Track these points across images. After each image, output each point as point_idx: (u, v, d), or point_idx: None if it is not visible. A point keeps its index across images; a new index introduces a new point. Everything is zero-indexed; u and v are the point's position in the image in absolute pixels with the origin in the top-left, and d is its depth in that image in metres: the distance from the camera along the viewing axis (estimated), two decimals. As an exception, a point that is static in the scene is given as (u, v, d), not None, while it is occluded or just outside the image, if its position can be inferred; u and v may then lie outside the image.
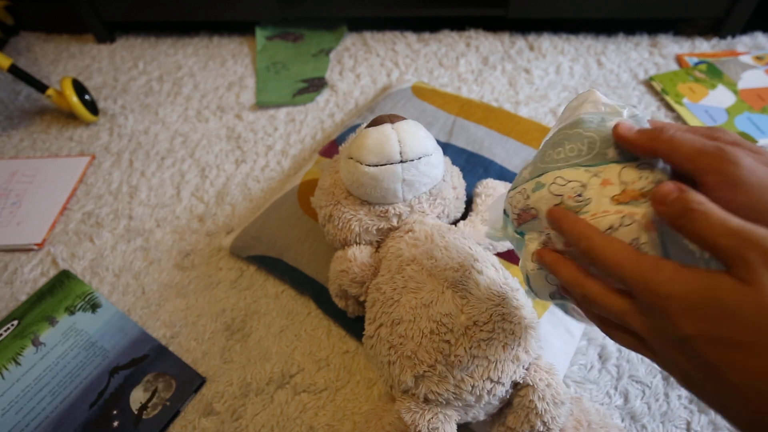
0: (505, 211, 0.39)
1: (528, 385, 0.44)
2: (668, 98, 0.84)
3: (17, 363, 0.60)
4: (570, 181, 0.33)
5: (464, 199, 0.58)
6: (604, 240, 0.29)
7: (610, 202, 0.31)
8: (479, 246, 0.50)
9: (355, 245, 0.52)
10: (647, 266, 0.27)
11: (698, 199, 0.26)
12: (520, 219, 0.36)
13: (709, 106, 0.82)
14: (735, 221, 0.25)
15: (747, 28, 0.95)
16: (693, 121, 0.80)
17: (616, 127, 0.32)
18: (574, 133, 0.34)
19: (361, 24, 1.07)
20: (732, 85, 0.84)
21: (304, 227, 0.64)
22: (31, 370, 0.59)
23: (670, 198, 0.27)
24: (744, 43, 0.94)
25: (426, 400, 0.44)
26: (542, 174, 0.34)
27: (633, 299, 0.29)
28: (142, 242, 0.73)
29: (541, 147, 0.37)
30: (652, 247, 0.30)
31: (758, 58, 0.89)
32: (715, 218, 0.25)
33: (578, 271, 0.32)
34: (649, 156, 0.31)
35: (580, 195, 0.32)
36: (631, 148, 0.32)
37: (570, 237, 0.31)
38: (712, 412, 0.52)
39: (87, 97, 0.92)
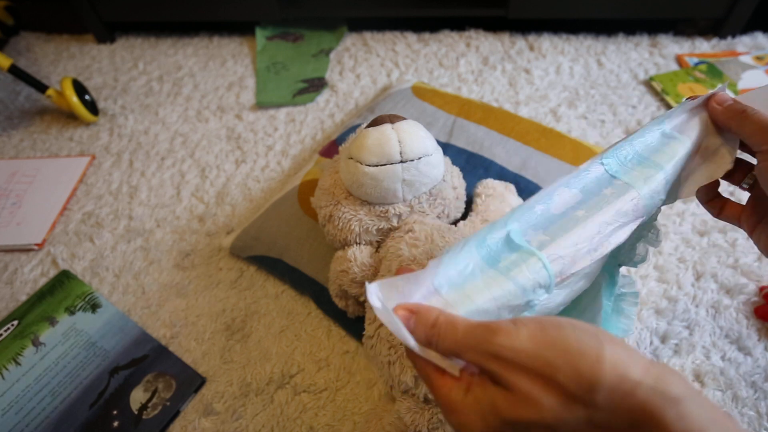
0: None
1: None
2: (668, 98, 0.84)
3: (17, 363, 0.60)
4: None
5: (464, 199, 0.58)
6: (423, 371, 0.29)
7: None
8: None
9: (355, 245, 0.52)
10: (443, 399, 0.27)
11: (432, 317, 0.27)
12: None
13: (709, 106, 0.82)
14: (460, 332, 0.26)
15: (747, 28, 0.95)
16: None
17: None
18: None
19: (361, 24, 1.07)
20: (732, 86, 0.84)
21: (304, 227, 0.64)
22: (31, 371, 0.59)
23: (411, 323, 0.28)
24: (744, 43, 0.94)
25: (426, 400, 0.44)
26: None
27: None
28: (142, 242, 0.73)
29: None
30: None
31: (758, 59, 0.89)
32: (448, 335, 0.27)
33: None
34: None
35: None
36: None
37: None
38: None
39: (87, 97, 0.92)
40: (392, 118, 0.49)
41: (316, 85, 0.95)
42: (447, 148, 0.70)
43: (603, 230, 0.34)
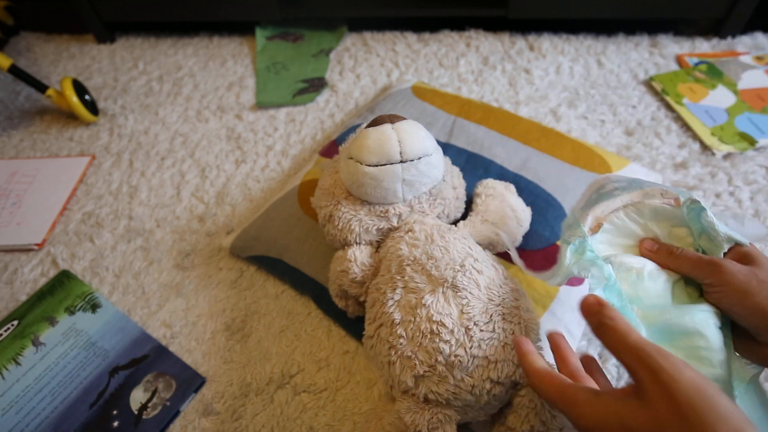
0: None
1: (528, 385, 0.44)
2: (668, 98, 0.84)
3: (17, 363, 0.60)
4: None
5: (464, 199, 0.58)
6: (537, 377, 0.35)
7: None
8: (479, 246, 0.50)
9: (355, 245, 0.52)
10: (568, 398, 0.32)
11: (610, 314, 0.32)
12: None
13: (709, 107, 0.82)
14: (632, 338, 0.30)
15: (747, 28, 0.95)
16: (693, 121, 0.80)
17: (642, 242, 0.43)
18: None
19: (361, 24, 1.07)
20: (732, 86, 0.84)
21: (304, 227, 0.64)
22: (31, 371, 0.59)
23: (592, 311, 0.33)
24: (744, 43, 0.94)
25: (426, 400, 0.44)
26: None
27: None
28: (142, 242, 0.73)
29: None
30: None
31: (758, 58, 0.89)
32: (619, 334, 0.31)
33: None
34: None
35: None
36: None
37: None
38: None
39: (87, 97, 0.92)
40: (392, 118, 0.49)
41: (316, 85, 0.95)
42: (447, 148, 0.70)
43: None
